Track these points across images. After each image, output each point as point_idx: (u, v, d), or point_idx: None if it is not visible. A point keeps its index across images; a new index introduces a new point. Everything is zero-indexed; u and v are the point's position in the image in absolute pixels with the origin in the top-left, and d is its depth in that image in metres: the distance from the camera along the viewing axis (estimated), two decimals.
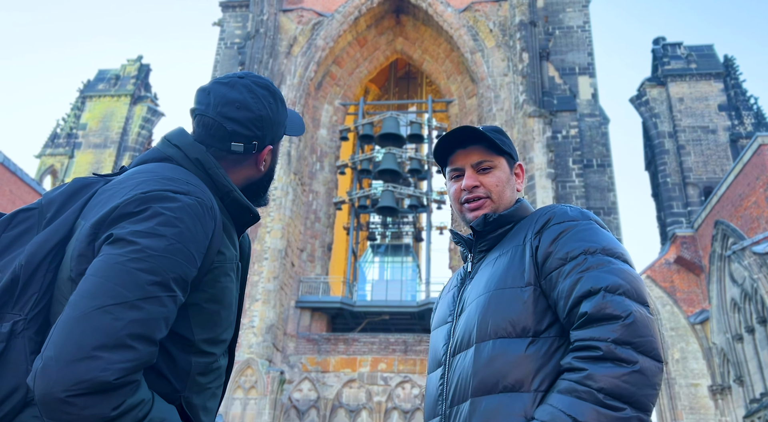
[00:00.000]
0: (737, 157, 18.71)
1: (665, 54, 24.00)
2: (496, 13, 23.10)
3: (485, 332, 1.51)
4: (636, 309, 1.36)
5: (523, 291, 1.51)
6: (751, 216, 15.45)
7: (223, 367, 1.51)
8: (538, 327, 1.47)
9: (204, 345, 1.40)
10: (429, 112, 24.83)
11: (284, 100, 1.65)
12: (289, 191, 21.32)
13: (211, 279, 1.38)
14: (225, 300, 1.44)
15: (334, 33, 23.66)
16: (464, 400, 1.50)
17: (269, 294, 19.42)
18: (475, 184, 1.75)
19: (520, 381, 1.42)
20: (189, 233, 1.28)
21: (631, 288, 1.40)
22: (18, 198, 15.11)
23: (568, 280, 1.44)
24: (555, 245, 1.52)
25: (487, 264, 1.66)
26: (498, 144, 1.76)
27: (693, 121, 22.19)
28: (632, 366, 1.30)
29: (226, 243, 1.43)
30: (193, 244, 1.29)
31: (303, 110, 22.88)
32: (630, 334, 1.33)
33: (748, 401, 15.52)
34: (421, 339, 19.66)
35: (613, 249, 1.49)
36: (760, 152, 15.17)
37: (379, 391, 18.89)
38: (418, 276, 24.38)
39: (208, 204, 1.36)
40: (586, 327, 1.37)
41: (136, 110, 25.75)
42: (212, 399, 1.47)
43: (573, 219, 1.56)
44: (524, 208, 1.76)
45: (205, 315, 1.39)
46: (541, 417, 1.34)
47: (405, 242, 25.64)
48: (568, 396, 1.32)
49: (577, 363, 1.35)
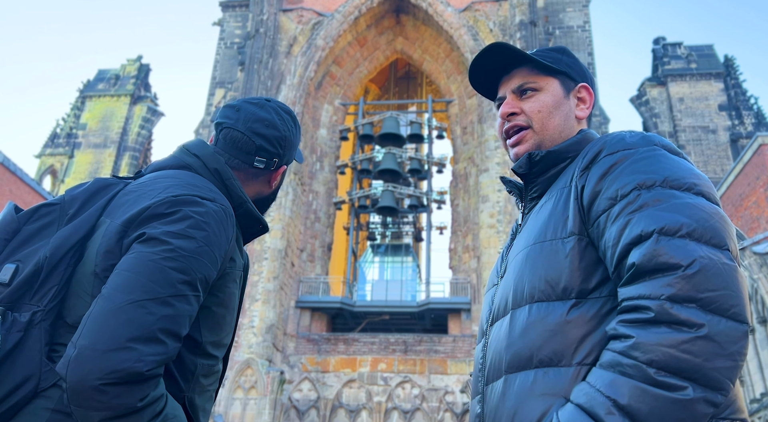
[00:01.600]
0: (737, 156, 18.71)
1: (665, 54, 24.00)
2: (497, 13, 23.09)
3: (521, 296, 1.25)
4: (704, 254, 1.03)
5: (565, 243, 1.22)
6: (751, 216, 15.44)
7: (220, 372, 1.54)
8: (584, 285, 1.18)
9: (210, 347, 1.44)
10: (429, 111, 24.82)
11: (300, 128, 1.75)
12: (289, 191, 21.32)
13: (221, 284, 1.43)
14: (230, 305, 1.49)
15: (334, 33, 23.66)
16: (498, 377, 1.26)
17: (269, 294, 19.41)
18: (513, 111, 1.46)
19: (559, 352, 1.15)
20: (215, 237, 1.36)
21: (698, 228, 1.06)
22: (18, 198, 15.11)
23: (616, 224, 1.13)
24: (604, 181, 1.20)
25: (534, 214, 1.38)
26: (544, 62, 1.46)
27: (693, 120, 22.19)
28: (696, 330, 0.99)
29: (236, 251, 1.50)
30: (217, 248, 1.36)
31: (303, 110, 22.88)
32: (693, 288, 1.01)
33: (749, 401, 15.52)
34: (421, 339, 19.66)
35: (680, 179, 1.14)
36: (761, 152, 15.16)
37: (379, 391, 18.88)
38: (418, 276, 24.38)
39: (230, 212, 1.44)
40: (635, 281, 1.07)
41: (135, 110, 25.76)
42: (210, 401, 1.51)
43: (630, 146, 1.23)
44: (585, 140, 1.40)
45: (213, 319, 1.43)
46: (576, 398, 1.07)
47: (405, 242, 25.64)
48: (610, 371, 1.04)
49: (623, 328, 1.05)
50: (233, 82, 23.65)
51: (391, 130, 24.34)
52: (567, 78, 1.49)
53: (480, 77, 1.56)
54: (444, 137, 25.14)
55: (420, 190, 24.48)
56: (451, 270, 22.13)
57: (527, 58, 1.46)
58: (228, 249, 1.41)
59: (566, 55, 1.51)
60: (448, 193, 23.72)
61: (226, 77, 24.27)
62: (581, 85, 1.51)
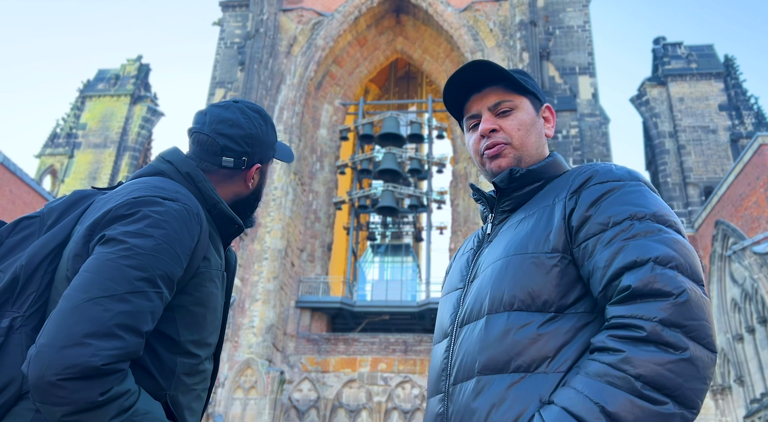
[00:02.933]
0: (738, 156, 18.70)
1: (665, 54, 23.99)
2: (497, 13, 23.09)
3: (499, 302, 1.32)
4: (690, 287, 1.15)
5: (548, 259, 1.30)
6: (751, 216, 15.42)
7: (209, 371, 1.59)
8: (563, 301, 1.27)
9: (190, 346, 1.47)
10: (429, 111, 24.81)
11: (275, 126, 1.78)
12: (289, 191, 21.31)
13: (197, 283, 1.47)
14: (210, 304, 1.52)
15: (334, 33, 23.65)
16: (469, 378, 1.31)
17: (269, 294, 19.41)
18: (493, 128, 1.52)
19: (537, 360, 1.23)
20: (175, 235, 1.39)
21: (685, 263, 1.18)
22: (18, 198, 15.10)
23: (609, 249, 1.22)
24: (595, 208, 1.29)
25: (510, 227, 1.45)
26: (518, 81, 1.54)
27: (693, 120, 22.17)
28: (681, 352, 1.09)
29: (211, 251, 1.54)
30: (179, 246, 1.39)
31: (303, 110, 22.87)
32: (681, 315, 1.11)
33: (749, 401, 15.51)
34: (421, 339, 19.66)
35: (665, 216, 1.26)
36: (761, 152, 15.15)
37: (379, 391, 18.88)
38: (418, 276, 24.37)
39: (195, 210, 1.47)
40: (628, 302, 1.16)
41: (135, 110, 25.74)
42: (197, 400, 1.54)
43: (619, 178, 1.33)
44: (558, 164, 1.52)
45: (191, 318, 1.47)
46: (563, 402, 1.13)
47: (405, 242, 25.63)
48: (597, 380, 1.11)
49: (613, 343, 1.13)
50: (233, 82, 23.64)
51: (391, 130, 24.34)
52: (534, 98, 1.58)
53: (451, 94, 1.60)
54: (444, 137, 25.14)
55: (420, 190, 24.47)
56: None
57: (503, 76, 1.53)
58: (195, 247, 1.44)
59: (528, 76, 1.61)
60: (448, 193, 23.72)
61: (226, 77, 24.26)
62: (546, 105, 1.61)
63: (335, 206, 23.55)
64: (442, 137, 25.00)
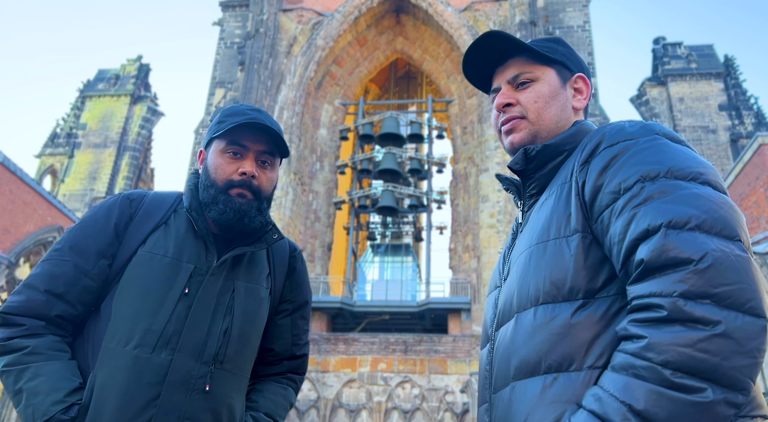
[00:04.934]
0: (737, 156, 18.70)
1: (665, 54, 23.99)
2: (497, 13, 23.09)
3: (526, 298, 1.19)
4: (716, 247, 0.97)
5: (569, 242, 1.16)
6: (751, 216, 15.43)
7: (152, 362, 1.73)
8: (591, 285, 1.11)
9: (120, 324, 1.66)
10: (429, 111, 24.81)
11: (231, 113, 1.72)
12: (289, 191, 21.31)
13: (133, 264, 1.61)
14: (139, 284, 1.62)
15: (334, 33, 23.65)
16: (506, 384, 1.19)
17: None
18: (508, 102, 1.40)
19: (568, 356, 1.09)
20: (92, 217, 1.67)
21: (708, 219, 1.00)
22: (18, 198, 15.10)
23: (621, 219, 1.07)
24: (605, 175, 1.14)
25: (535, 212, 1.30)
26: (540, 51, 1.40)
27: (693, 120, 22.18)
28: (712, 327, 0.92)
29: (161, 238, 1.64)
30: (91, 223, 1.65)
31: (303, 110, 22.87)
32: (707, 282, 0.95)
33: None
34: (421, 339, 19.65)
35: (685, 168, 1.08)
36: (761, 152, 15.16)
37: (379, 391, 18.87)
38: (418, 276, 24.36)
39: (129, 197, 1.71)
40: (645, 279, 1.01)
41: (135, 110, 25.74)
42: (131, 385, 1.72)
43: (630, 136, 1.16)
44: (582, 132, 1.34)
45: (123, 294, 1.61)
46: (589, 404, 1.00)
47: (405, 242, 25.62)
48: (622, 374, 0.98)
49: (635, 328, 0.99)
50: (233, 81, 23.64)
51: (391, 130, 24.33)
52: (563, 68, 1.43)
53: (474, 68, 1.49)
54: (444, 137, 25.13)
55: (420, 190, 24.46)
56: (451, 270, 22.12)
57: (523, 47, 1.41)
58: (125, 226, 1.64)
59: (562, 45, 1.46)
60: (448, 193, 23.71)
61: (226, 77, 24.25)
62: (578, 75, 1.45)
63: (335, 206, 23.54)
64: (442, 137, 25.00)
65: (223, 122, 1.67)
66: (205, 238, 1.64)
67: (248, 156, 1.65)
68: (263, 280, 1.74)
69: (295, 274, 1.86)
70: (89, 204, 23.18)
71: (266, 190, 1.69)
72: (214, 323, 1.58)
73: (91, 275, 1.57)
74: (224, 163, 1.65)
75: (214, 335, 1.57)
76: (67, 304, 1.54)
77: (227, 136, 1.65)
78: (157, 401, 1.46)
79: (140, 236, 1.62)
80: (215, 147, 1.68)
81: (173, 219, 1.67)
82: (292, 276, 1.85)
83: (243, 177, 1.63)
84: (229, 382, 1.59)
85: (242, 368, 1.66)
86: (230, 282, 1.64)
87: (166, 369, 1.49)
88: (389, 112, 25.29)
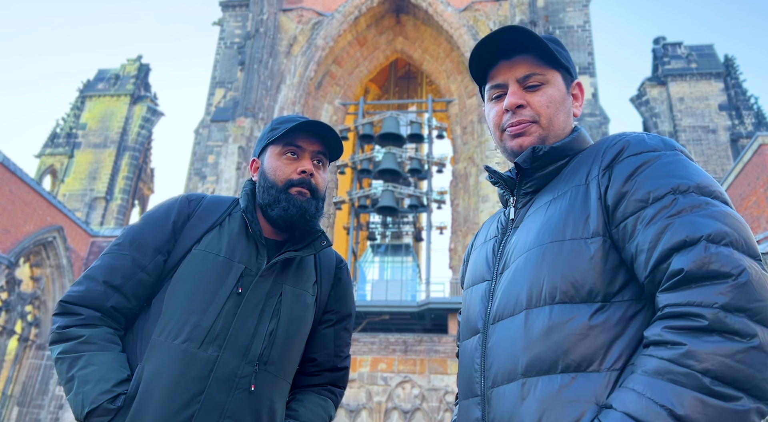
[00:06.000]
0: (737, 156, 18.70)
1: (665, 54, 23.99)
2: (497, 13, 23.08)
3: (539, 296, 1.20)
4: (750, 265, 1.02)
5: (589, 244, 1.18)
6: (751, 216, 15.43)
7: (202, 358, 1.77)
8: (609, 289, 1.15)
9: (172, 317, 1.72)
10: (429, 111, 24.80)
11: (283, 121, 1.79)
12: None
13: (187, 261, 1.66)
14: (194, 280, 1.67)
15: (334, 32, 23.65)
16: (511, 380, 1.20)
17: None
18: (520, 103, 1.39)
19: (587, 357, 1.11)
20: (153, 215, 1.73)
21: (739, 238, 1.05)
22: (18, 198, 15.10)
23: (652, 228, 1.10)
24: (632, 183, 1.17)
25: (538, 210, 1.32)
26: (554, 53, 1.39)
27: (693, 120, 22.18)
28: (749, 340, 0.97)
29: (215, 238, 1.68)
30: (152, 220, 1.71)
31: (303, 110, 22.87)
32: (744, 298, 0.99)
33: None
34: (421, 339, 19.65)
35: (709, 186, 1.14)
36: (761, 152, 15.16)
37: (379, 391, 18.88)
38: (418, 276, 24.37)
39: (187, 199, 1.77)
40: (682, 288, 1.03)
41: (135, 110, 25.74)
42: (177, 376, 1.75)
43: (654, 149, 1.21)
44: (582, 138, 1.40)
45: (176, 289, 1.64)
46: (623, 406, 1.01)
47: (405, 242, 25.62)
48: (659, 379, 0.99)
49: (671, 335, 1.01)
50: (233, 81, 23.63)
51: (391, 130, 24.33)
52: (567, 73, 1.45)
53: (480, 61, 1.47)
54: (444, 137, 25.13)
55: (420, 190, 24.45)
56: (451, 270, 22.12)
57: (536, 45, 1.39)
58: (183, 224, 1.69)
59: (563, 48, 1.46)
60: (448, 193, 23.71)
61: (226, 77, 24.24)
62: (576, 81, 1.48)
63: (335, 206, 23.54)
64: (442, 137, 24.99)
65: (276, 129, 1.75)
66: (257, 240, 1.68)
67: (304, 156, 1.72)
68: (310, 287, 1.76)
69: (340, 285, 1.88)
70: (89, 204, 23.18)
71: (321, 189, 1.77)
72: (260, 324, 1.59)
73: (147, 269, 1.62)
74: (282, 165, 1.71)
75: (260, 335, 1.59)
76: (122, 297, 1.59)
77: (283, 139, 1.72)
78: (201, 396, 1.48)
79: (195, 235, 1.67)
80: (271, 152, 1.74)
81: (228, 222, 1.71)
82: (338, 287, 1.87)
83: (302, 175, 1.69)
84: (272, 385, 1.60)
85: (286, 372, 1.66)
86: (278, 285, 1.67)
87: (212, 365, 1.51)
88: (389, 112, 25.29)
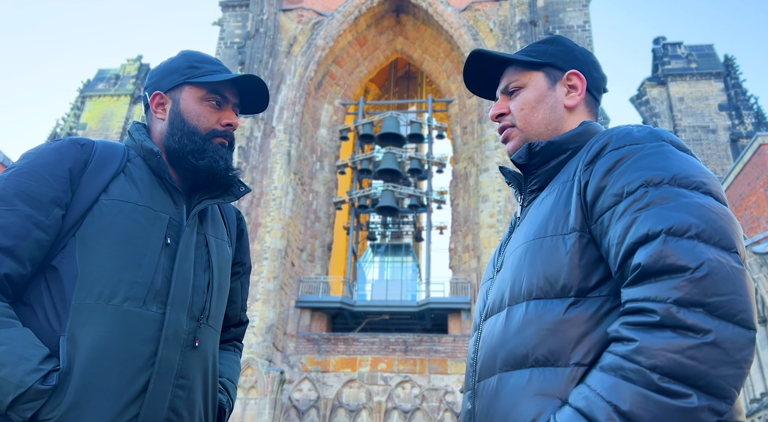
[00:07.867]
0: (737, 156, 18.71)
1: (665, 53, 24.00)
2: (497, 13, 23.09)
3: (519, 292, 1.21)
4: (713, 257, 0.99)
5: (566, 240, 1.18)
6: (751, 215, 15.44)
7: (142, 315, 1.61)
8: (584, 284, 1.14)
9: (93, 278, 1.51)
10: (429, 111, 24.82)
11: (203, 60, 1.65)
12: (289, 191, 21.31)
13: (97, 213, 1.44)
14: (114, 234, 1.46)
15: (334, 32, 23.65)
16: (491, 374, 1.22)
17: (269, 294, 19.41)
18: (500, 112, 1.46)
19: (555, 352, 1.11)
20: (41, 160, 1.44)
21: (707, 229, 1.01)
22: None
23: (621, 222, 1.09)
24: (609, 177, 1.15)
25: (534, 208, 1.33)
26: (524, 59, 1.44)
27: (693, 120, 22.18)
28: (702, 336, 0.95)
29: (124, 185, 1.48)
30: (43, 168, 1.43)
31: (303, 110, 22.88)
32: (701, 292, 0.97)
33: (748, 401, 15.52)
34: (421, 339, 19.66)
35: (689, 177, 1.09)
36: (761, 152, 15.16)
37: (379, 391, 18.88)
38: (418, 276, 24.38)
39: (78, 142, 1.51)
40: (641, 283, 1.02)
41: (135, 110, 25.75)
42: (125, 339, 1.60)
43: (637, 141, 1.17)
44: (589, 132, 1.35)
45: (93, 248, 1.43)
46: (575, 402, 1.03)
47: (405, 242, 25.64)
48: (611, 375, 1.00)
49: (626, 331, 1.01)
50: None
51: (391, 130, 24.34)
52: (553, 68, 1.44)
53: (477, 81, 1.55)
54: (444, 137, 25.14)
55: (420, 190, 24.47)
56: (451, 270, 22.13)
57: (507, 59, 1.46)
58: (80, 172, 1.45)
59: (555, 44, 1.47)
60: (448, 193, 23.72)
61: None
62: (570, 72, 1.44)
63: (335, 206, 23.55)
64: (442, 137, 25.00)
65: (197, 68, 1.62)
66: (171, 188, 1.55)
67: (228, 108, 1.63)
68: (226, 237, 1.69)
69: (243, 237, 1.82)
70: None
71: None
72: (196, 277, 1.50)
73: (44, 226, 1.36)
74: (207, 112, 1.59)
75: (199, 289, 1.49)
76: (16, 261, 1.32)
77: (209, 86, 1.60)
78: (155, 358, 1.36)
79: (99, 184, 1.45)
80: (190, 94, 1.60)
81: (131, 168, 1.52)
82: (242, 238, 1.81)
83: (227, 128, 1.61)
84: (212, 338, 1.54)
85: (219, 325, 1.60)
86: (202, 235, 1.57)
87: (160, 324, 1.39)
88: (389, 112, 25.30)
